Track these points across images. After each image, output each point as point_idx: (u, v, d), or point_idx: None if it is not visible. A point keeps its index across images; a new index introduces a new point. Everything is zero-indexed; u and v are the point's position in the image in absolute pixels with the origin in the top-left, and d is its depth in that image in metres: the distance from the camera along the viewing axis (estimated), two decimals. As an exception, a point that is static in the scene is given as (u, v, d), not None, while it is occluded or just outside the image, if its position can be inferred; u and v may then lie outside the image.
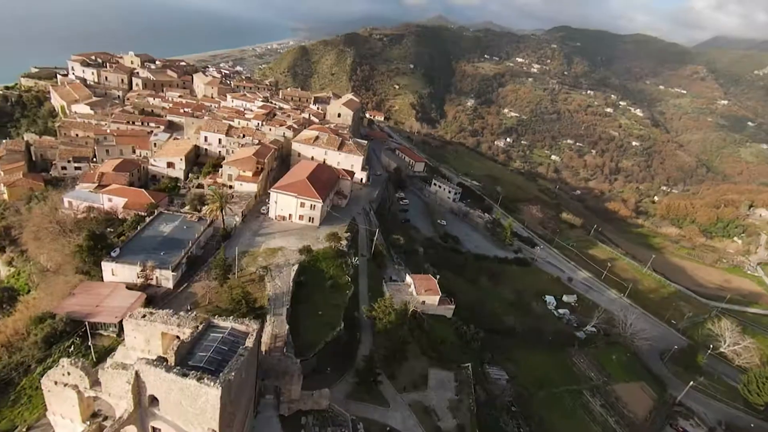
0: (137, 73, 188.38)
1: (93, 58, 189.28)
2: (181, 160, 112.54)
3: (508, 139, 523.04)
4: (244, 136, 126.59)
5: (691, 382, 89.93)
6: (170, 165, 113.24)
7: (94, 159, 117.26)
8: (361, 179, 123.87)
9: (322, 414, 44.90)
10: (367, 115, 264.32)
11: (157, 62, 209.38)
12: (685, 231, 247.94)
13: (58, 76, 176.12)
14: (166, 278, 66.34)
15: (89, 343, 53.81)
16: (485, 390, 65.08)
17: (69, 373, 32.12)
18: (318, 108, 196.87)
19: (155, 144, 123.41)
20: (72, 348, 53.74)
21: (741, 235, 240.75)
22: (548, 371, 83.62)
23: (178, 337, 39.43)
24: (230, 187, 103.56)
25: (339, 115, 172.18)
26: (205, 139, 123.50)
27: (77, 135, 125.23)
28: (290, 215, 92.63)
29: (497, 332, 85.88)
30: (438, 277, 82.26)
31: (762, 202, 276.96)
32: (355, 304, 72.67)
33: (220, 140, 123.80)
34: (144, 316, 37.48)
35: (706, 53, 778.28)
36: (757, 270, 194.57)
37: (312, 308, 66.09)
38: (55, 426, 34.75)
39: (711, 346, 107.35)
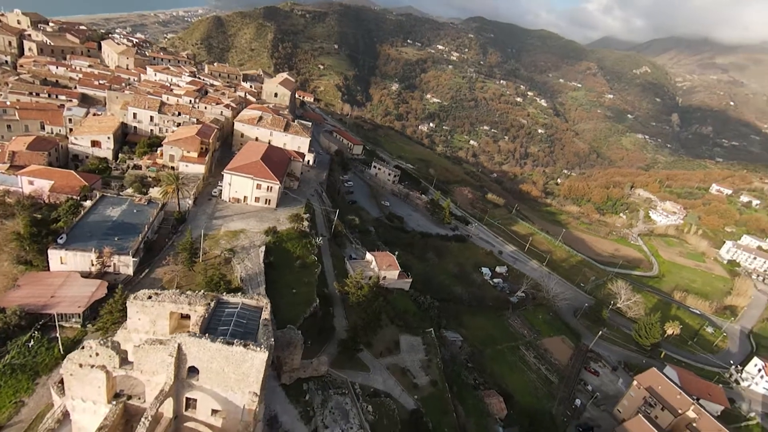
0: (29, 35, 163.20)
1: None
2: (108, 138, 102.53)
3: (431, 124, 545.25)
4: (179, 113, 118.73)
5: (600, 332, 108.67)
6: (95, 144, 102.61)
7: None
8: (308, 161, 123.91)
9: (321, 380, 48.11)
10: (297, 96, 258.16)
11: (51, 23, 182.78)
12: (584, 209, 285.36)
13: None
14: (125, 264, 62.61)
15: (56, 335, 50.00)
16: (448, 350, 72.97)
17: (97, 354, 31.26)
18: (251, 86, 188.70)
19: (70, 120, 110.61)
20: (32, 342, 49.42)
21: (625, 212, 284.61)
22: (491, 332, 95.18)
23: (183, 315, 39.64)
24: (172, 168, 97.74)
25: (276, 95, 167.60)
26: (134, 115, 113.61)
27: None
28: (245, 197, 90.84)
29: (447, 301, 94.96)
30: (396, 254, 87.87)
31: (640, 183, 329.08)
32: (323, 282, 75.42)
33: (151, 118, 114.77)
34: (150, 297, 36.99)
35: (597, 51, 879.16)
36: (638, 240, 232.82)
37: (285, 287, 67.50)
38: (73, 411, 33.31)
39: (611, 302, 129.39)
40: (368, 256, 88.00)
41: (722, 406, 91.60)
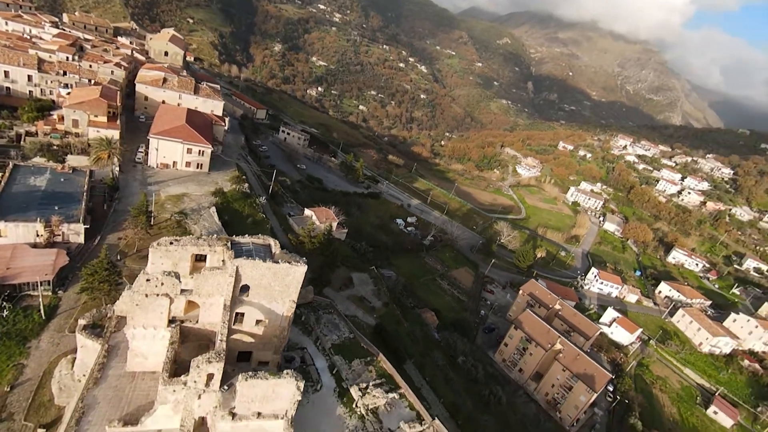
0: None
1: None
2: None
3: (319, 88, 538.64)
4: (65, 73, 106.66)
5: (492, 262, 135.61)
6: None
7: None
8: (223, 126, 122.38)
9: (309, 305, 57.52)
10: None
11: None
12: (466, 166, 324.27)
13: None
14: (76, 233, 61.23)
15: (27, 304, 49.72)
16: (387, 282, 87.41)
17: (162, 284, 35.91)
18: (130, 42, 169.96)
19: None
20: (5, 312, 48.31)
21: (498, 167, 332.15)
22: (413, 269, 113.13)
23: (197, 258, 45.07)
24: (77, 135, 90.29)
25: (166, 54, 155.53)
26: (6, 74, 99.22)
27: None
28: (175, 162, 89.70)
29: (376, 246, 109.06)
30: (333, 208, 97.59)
31: (507, 142, 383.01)
32: (274, 236, 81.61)
33: (30, 77, 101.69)
34: (171, 242, 41.66)
35: (466, 21, 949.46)
36: (509, 190, 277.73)
37: (245, 242, 72.78)
38: (133, 339, 37.27)
39: (497, 239, 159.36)
40: (307, 211, 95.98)
41: (574, 302, 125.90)
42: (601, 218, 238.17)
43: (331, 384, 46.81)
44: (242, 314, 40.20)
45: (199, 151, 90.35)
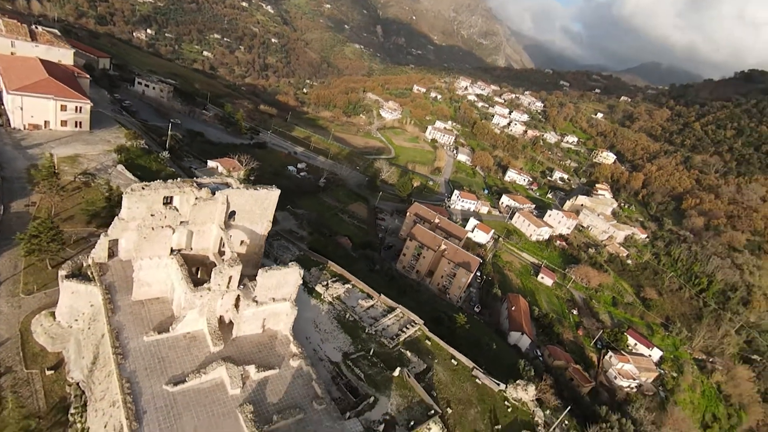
0: None
1: None
2: None
3: (149, 30, 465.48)
4: None
5: (379, 194, 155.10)
6: None
7: None
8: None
9: (258, 236, 65.83)
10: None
11: None
12: (334, 113, 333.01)
13: None
14: (-26, 203, 55.76)
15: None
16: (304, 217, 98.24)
17: (165, 217, 40.60)
18: None
19: None
20: (-60, 286, 45.42)
21: (363, 112, 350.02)
22: (316, 207, 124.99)
23: (165, 201, 49.70)
24: None
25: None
26: None
27: None
28: (47, 122, 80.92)
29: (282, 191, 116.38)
30: (237, 157, 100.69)
31: (368, 88, 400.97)
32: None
33: None
34: (143, 188, 45.52)
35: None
36: (377, 133, 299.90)
37: (166, 195, 73.89)
38: (140, 270, 41.25)
39: (379, 175, 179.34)
40: (211, 163, 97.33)
41: (446, 217, 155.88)
42: (455, 151, 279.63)
43: (300, 286, 58.39)
44: (230, 236, 48.12)
45: (76, 107, 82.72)
